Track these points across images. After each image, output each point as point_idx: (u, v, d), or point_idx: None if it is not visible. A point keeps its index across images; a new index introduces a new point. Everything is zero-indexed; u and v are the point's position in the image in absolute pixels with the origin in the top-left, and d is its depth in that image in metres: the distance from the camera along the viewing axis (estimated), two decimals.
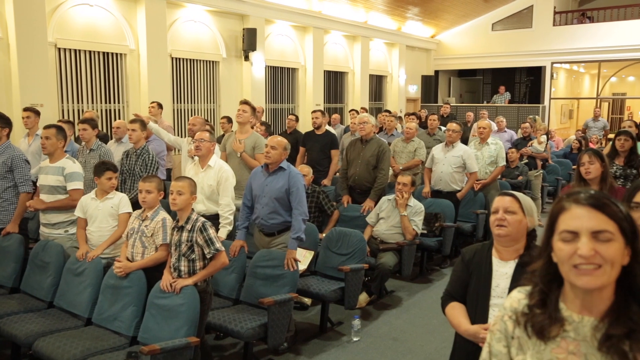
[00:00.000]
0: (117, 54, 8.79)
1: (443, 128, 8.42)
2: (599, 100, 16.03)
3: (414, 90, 17.04)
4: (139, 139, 5.31)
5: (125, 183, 5.26)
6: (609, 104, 18.18)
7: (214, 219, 4.53)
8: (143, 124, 5.41)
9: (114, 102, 8.87)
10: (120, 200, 4.23)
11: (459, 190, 6.39)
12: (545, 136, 9.22)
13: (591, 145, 9.77)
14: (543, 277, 1.36)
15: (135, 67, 9.00)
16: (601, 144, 11.22)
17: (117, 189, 4.36)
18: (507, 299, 1.47)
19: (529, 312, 1.36)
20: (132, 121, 5.43)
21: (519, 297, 1.42)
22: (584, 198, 1.29)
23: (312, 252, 4.88)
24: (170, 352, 3.06)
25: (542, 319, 1.32)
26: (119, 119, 8.34)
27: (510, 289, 2.30)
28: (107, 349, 3.34)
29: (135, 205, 4.21)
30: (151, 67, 8.97)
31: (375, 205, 5.68)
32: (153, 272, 3.65)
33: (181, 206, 3.46)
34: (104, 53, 8.61)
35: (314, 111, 7.41)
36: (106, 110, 8.73)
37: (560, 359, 1.30)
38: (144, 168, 5.18)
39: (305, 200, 4.33)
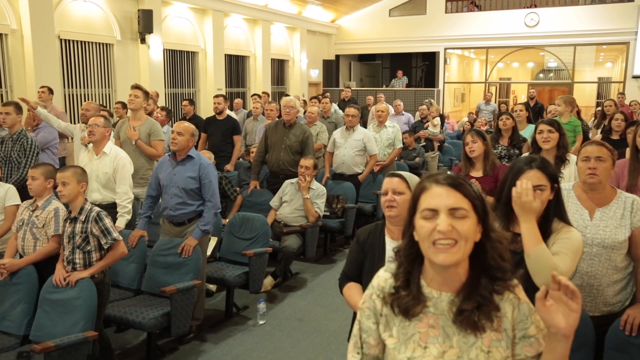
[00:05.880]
0: None
1: (340, 112, 8.55)
2: (487, 84, 17.03)
3: (316, 74, 17.20)
4: (13, 122, 4.96)
5: None
6: (497, 88, 19.38)
7: (111, 208, 4.36)
8: (18, 107, 5.05)
9: None
10: (6, 192, 3.96)
11: (360, 173, 6.57)
12: (439, 118, 9.59)
13: (481, 128, 10.37)
14: (407, 256, 1.46)
15: (19, 49, 8.34)
16: (490, 126, 11.91)
17: None
18: (374, 277, 1.55)
19: (395, 293, 1.45)
20: (4, 104, 5.05)
21: (386, 277, 1.51)
22: (443, 178, 1.41)
23: (216, 238, 4.85)
24: (66, 349, 2.93)
25: (407, 301, 1.42)
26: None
27: None
28: None
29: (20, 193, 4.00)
30: (37, 48, 8.34)
31: None
32: (45, 266, 3.46)
33: (70, 197, 3.31)
34: None
35: (216, 96, 7.28)
36: None
37: (421, 332, 1.41)
38: (23, 154, 4.86)
39: (218, 192, 4.24)
